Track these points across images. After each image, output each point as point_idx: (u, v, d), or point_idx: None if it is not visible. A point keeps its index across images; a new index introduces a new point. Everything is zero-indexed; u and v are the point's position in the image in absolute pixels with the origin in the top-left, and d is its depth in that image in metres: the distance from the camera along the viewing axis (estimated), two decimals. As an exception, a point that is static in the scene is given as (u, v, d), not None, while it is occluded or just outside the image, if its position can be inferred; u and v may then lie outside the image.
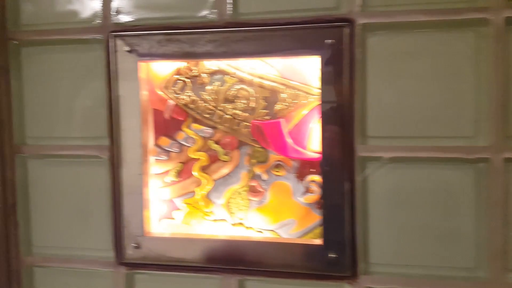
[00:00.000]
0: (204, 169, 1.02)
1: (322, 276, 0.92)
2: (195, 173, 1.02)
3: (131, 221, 0.99)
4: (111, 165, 0.99)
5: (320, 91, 0.90)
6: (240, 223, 1.01)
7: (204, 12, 0.94)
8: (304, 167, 0.98)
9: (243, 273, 0.95)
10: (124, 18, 0.97)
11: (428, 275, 0.88)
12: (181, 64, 1.00)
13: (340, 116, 0.89)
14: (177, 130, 1.02)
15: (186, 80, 1.01)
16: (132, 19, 0.97)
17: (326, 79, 0.89)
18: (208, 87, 1.00)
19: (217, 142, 1.01)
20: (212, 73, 0.99)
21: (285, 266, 0.93)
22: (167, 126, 1.02)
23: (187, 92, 1.01)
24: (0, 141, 1.02)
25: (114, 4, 0.97)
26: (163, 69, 1.01)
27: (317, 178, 0.96)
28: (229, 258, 0.95)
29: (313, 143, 0.97)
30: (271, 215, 1.00)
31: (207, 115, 1.01)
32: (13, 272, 1.05)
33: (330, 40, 0.88)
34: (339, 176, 0.90)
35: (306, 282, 0.93)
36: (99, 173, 1.00)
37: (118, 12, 0.97)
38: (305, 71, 0.96)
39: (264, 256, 0.94)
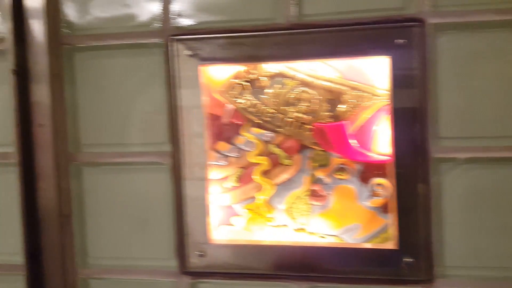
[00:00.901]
0: (265, 173, 1.00)
1: (397, 281, 0.90)
2: (256, 177, 1.00)
3: (195, 229, 0.96)
4: (173, 171, 0.97)
5: (389, 92, 0.89)
6: (302, 229, 0.99)
7: (268, 14, 0.92)
8: (369, 170, 0.96)
9: (314, 280, 0.93)
10: (184, 22, 0.95)
11: (507, 277, 0.87)
12: (239, 67, 0.98)
13: (412, 117, 0.88)
14: (235, 134, 1.00)
15: (245, 83, 0.99)
16: (193, 23, 0.95)
17: (396, 80, 0.88)
18: (268, 90, 0.98)
19: (278, 146, 0.99)
20: (272, 76, 0.98)
21: (357, 272, 0.91)
22: (226, 131, 1.00)
23: (246, 96, 0.99)
24: (54, 149, 0.99)
25: (174, 7, 0.95)
26: (220, 73, 0.99)
27: (384, 181, 0.95)
28: (299, 264, 0.93)
29: (379, 145, 0.95)
30: (334, 220, 0.98)
31: (268, 119, 0.99)
32: (69, 285, 1.01)
33: (402, 40, 0.87)
34: (413, 179, 0.88)
35: (381, 287, 0.91)
36: (160, 179, 0.97)
37: (178, 15, 0.95)
38: (368, 71, 0.94)
39: (335, 262, 0.92)
